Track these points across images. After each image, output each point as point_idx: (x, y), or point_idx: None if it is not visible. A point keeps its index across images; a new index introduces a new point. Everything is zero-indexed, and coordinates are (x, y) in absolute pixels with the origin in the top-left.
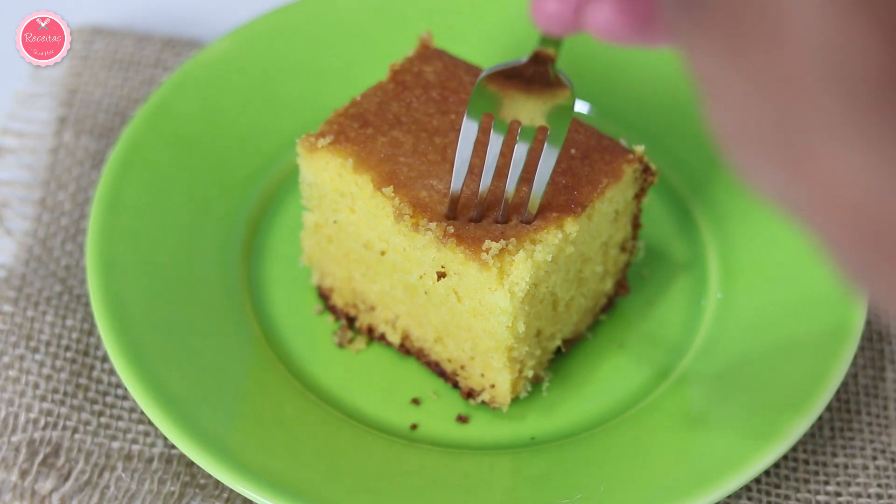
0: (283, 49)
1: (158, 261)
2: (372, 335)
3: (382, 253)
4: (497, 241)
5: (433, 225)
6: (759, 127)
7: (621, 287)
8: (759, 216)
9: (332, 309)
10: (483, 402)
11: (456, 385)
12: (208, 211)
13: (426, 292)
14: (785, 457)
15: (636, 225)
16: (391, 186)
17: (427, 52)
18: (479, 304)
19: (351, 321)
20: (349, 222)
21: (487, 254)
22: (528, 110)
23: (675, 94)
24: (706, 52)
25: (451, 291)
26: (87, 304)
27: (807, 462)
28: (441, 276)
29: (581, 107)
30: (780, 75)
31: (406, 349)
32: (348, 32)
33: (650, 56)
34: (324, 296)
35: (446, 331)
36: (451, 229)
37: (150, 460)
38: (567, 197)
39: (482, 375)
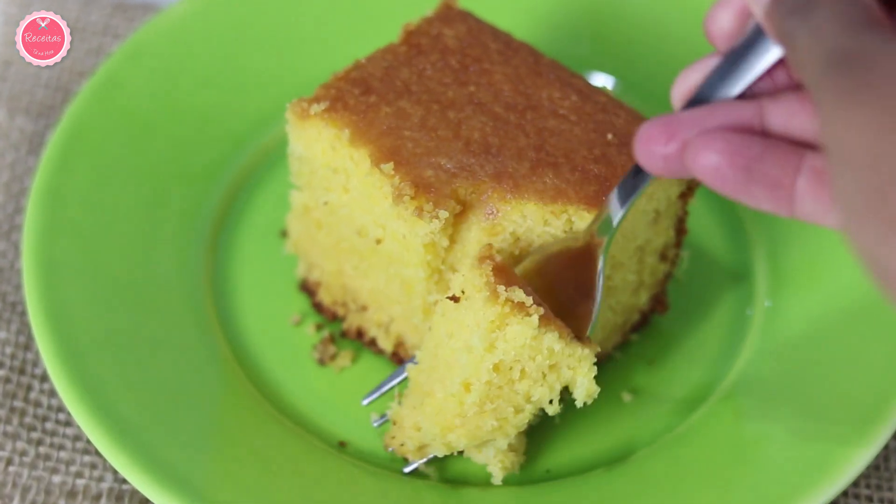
0: (253, 13)
1: (108, 262)
2: (361, 339)
3: (378, 242)
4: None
5: (442, 213)
6: None
7: (658, 303)
8: None
9: (317, 307)
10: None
11: None
12: (166, 204)
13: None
14: (845, 492)
15: (680, 230)
16: (391, 163)
17: (450, 13)
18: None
19: (338, 321)
20: (342, 204)
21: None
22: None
23: None
24: (854, 122)
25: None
26: (24, 314)
27: (870, 499)
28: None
29: (622, 88)
30: None
31: (400, 358)
32: None
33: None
34: (309, 291)
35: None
36: None
37: (98, 497)
38: (597, 187)
39: None
